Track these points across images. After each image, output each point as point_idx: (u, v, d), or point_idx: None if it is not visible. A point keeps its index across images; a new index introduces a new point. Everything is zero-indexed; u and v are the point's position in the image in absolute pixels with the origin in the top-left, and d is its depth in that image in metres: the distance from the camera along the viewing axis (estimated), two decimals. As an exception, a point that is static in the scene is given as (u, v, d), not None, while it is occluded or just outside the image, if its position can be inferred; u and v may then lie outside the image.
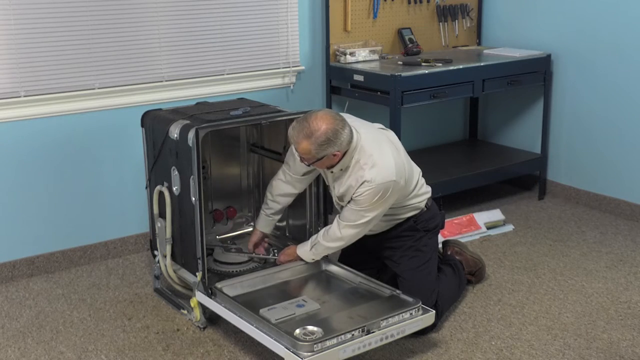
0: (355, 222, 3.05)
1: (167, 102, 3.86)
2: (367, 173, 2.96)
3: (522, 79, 4.53)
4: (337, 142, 2.92)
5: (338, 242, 3.14)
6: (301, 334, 2.73)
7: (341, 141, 2.93)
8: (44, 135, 3.66)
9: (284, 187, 3.35)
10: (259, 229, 3.47)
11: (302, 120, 2.94)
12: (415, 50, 4.56)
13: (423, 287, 3.12)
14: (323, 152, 2.92)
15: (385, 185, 2.96)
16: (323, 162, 2.99)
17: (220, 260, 3.42)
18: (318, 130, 2.88)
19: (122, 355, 3.01)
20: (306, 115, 2.95)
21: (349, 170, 3.03)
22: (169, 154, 3.19)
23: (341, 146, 2.94)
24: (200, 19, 3.97)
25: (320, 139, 2.89)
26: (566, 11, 4.55)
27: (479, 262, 3.58)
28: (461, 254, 3.54)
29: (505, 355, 2.98)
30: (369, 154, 3.00)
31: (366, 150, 3.01)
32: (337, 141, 2.91)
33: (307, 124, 2.90)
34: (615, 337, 3.11)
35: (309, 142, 2.90)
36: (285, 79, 4.34)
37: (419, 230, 3.23)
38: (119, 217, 3.95)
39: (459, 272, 3.42)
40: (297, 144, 2.95)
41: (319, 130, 2.88)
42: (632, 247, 4.03)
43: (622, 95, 4.36)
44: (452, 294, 3.33)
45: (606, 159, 4.50)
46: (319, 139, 2.88)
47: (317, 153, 2.92)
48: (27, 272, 3.74)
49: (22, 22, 3.49)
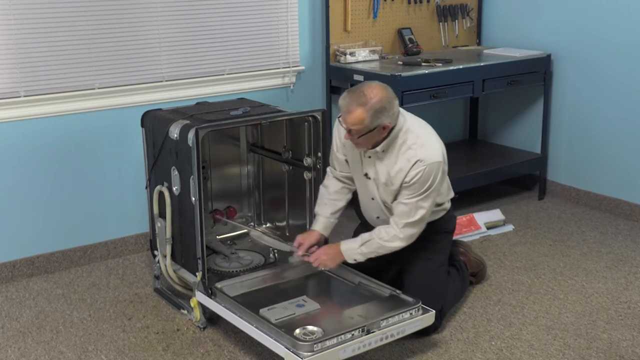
0: (413, 218, 2.96)
1: (167, 102, 3.86)
2: (418, 152, 2.92)
3: (522, 79, 4.53)
4: (390, 112, 2.88)
5: (395, 242, 3.00)
6: (301, 334, 2.73)
7: (394, 112, 2.90)
8: (44, 135, 3.66)
9: (338, 185, 3.26)
10: (320, 230, 3.24)
11: (354, 89, 2.90)
12: (415, 50, 4.56)
13: (432, 291, 3.09)
14: (377, 121, 2.86)
15: (436, 166, 2.92)
16: (372, 136, 2.91)
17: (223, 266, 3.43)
18: (373, 97, 2.84)
19: (122, 355, 3.01)
20: (358, 85, 2.92)
21: (394, 151, 2.97)
22: (169, 154, 3.19)
23: (392, 117, 2.90)
24: (200, 19, 3.97)
25: (376, 106, 2.84)
26: (566, 11, 4.55)
27: (481, 264, 3.58)
28: (466, 255, 3.53)
29: (505, 355, 2.98)
30: (416, 135, 2.98)
31: (413, 132, 2.98)
32: (390, 111, 2.88)
33: (361, 92, 2.86)
34: (615, 337, 3.11)
35: (363, 110, 2.83)
36: (285, 79, 4.34)
37: (440, 232, 3.21)
38: (119, 217, 3.95)
39: (463, 273, 3.41)
40: (349, 112, 2.86)
41: (374, 98, 2.84)
42: (632, 247, 4.03)
43: (622, 95, 4.36)
44: (455, 297, 3.33)
45: (606, 159, 4.50)
46: (374, 106, 2.84)
47: (371, 122, 2.85)
48: (27, 272, 3.74)
49: (22, 22, 3.49)
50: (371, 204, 3.18)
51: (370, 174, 3.08)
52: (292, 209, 3.61)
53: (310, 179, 3.40)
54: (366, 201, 3.20)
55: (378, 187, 3.08)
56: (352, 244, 3.08)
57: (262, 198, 3.82)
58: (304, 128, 3.34)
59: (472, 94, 4.36)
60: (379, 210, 3.16)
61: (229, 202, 3.77)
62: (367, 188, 3.14)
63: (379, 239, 3.01)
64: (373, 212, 3.21)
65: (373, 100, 2.84)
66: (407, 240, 3.01)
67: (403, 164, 2.94)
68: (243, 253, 3.57)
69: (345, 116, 2.89)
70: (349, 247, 3.08)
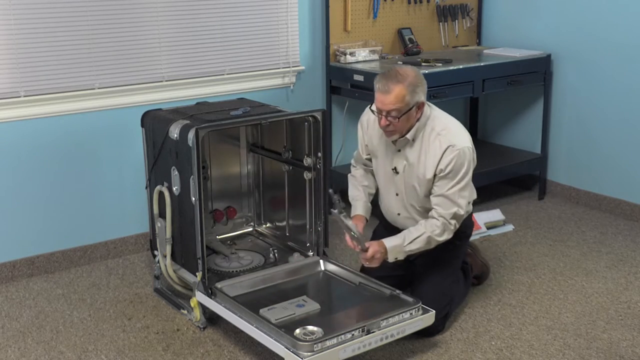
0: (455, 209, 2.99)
1: (167, 102, 3.86)
2: (448, 138, 3.01)
3: (522, 79, 4.53)
4: (424, 89, 2.98)
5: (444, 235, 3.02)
6: (301, 334, 2.73)
7: (425, 89, 2.99)
8: (44, 135, 3.66)
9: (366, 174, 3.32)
10: (363, 214, 3.25)
11: (386, 72, 2.98)
12: (415, 50, 4.56)
13: (444, 296, 3.12)
14: (415, 97, 2.94)
15: (468, 151, 3.00)
16: (409, 116, 2.97)
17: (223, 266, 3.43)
18: (408, 75, 2.95)
19: (122, 355, 3.01)
20: (388, 69, 3.00)
21: (424, 139, 3.05)
22: (169, 154, 3.19)
23: (425, 95, 3.00)
24: (200, 19, 3.97)
25: (413, 82, 2.93)
26: (566, 11, 4.55)
27: (486, 267, 3.58)
28: (472, 256, 3.53)
29: (505, 355, 2.98)
30: (444, 122, 3.07)
31: (440, 119, 3.08)
32: (424, 87, 2.98)
33: (396, 72, 2.96)
34: (615, 337, 3.11)
35: (402, 87, 2.92)
36: (285, 79, 4.34)
37: (461, 238, 3.22)
38: (119, 217, 3.95)
39: (468, 276, 3.42)
40: (388, 92, 2.92)
41: (410, 75, 2.95)
42: (632, 247, 4.03)
43: (622, 95, 4.36)
44: (459, 299, 3.33)
45: (606, 159, 4.50)
46: (412, 82, 2.93)
47: (411, 98, 2.93)
48: (27, 272, 3.74)
49: (22, 22, 3.49)
50: (394, 200, 3.21)
51: (399, 168, 3.12)
52: (292, 209, 3.61)
53: (310, 179, 3.40)
54: (390, 198, 3.23)
55: (405, 182, 3.13)
56: (396, 241, 3.04)
57: (262, 198, 3.82)
58: (304, 128, 3.34)
59: (472, 94, 4.36)
60: (402, 206, 3.19)
61: (229, 202, 3.77)
62: (392, 183, 3.19)
63: (430, 232, 3.00)
64: (395, 209, 3.23)
65: (409, 77, 2.94)
66: (453, 232, 3.05)
67: (435, 150, 3.01)
68: (243, 253, 3.57)
69: (384, 97, 2.93)
70: (394, 245, 3.03)
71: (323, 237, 3.38)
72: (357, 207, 3.28)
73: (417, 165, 3.06)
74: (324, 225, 3.38)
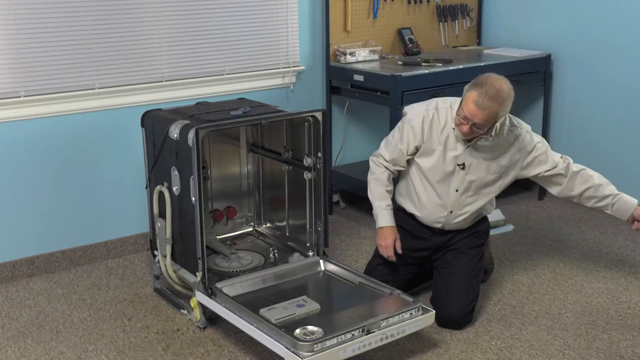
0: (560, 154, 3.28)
1: (167, 102, 3.86)
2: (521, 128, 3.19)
3: (522, 79, 4.52)
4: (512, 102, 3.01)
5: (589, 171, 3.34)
6: (301, 334, 2.73)
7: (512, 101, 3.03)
8: (44, 135, 3.66)
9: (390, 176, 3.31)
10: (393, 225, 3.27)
11: (486, 86, 2.94)
12: (415, 50, 4.55)
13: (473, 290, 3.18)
14: (504, 112, 3.00)
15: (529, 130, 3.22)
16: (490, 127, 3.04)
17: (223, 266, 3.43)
18: (505, 93, 2.94)
19: (122, 355, 3.01)
20: (480, 81, 2.98)
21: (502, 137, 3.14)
22: (169, 154, 3.19)
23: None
24: (200, 19, 3.97)
25: (507, 100, 2.96)
26: (566, 11, 4.55)
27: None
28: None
29: (505, 355, 2.98)
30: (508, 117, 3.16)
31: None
32: (512, 101, 3.01)
33: (496, 91, 2.93)
34: (615, 337, 3.11)
35: (498, 105, 2.93)
36: (285, 79, 4.34)
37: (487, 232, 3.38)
38: (119, 217, 3.95)
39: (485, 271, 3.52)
40: (484, 109, 2.93)
41: (505, 93, 2.94)
42: (632, 247, 4.03)
43: (622, 95, 4.36)
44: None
45: (606, 159, 4.50)
46: (506, 99, 2.95)
47: (500, 115, 2.98)
48: (27, 272, 3.74)
49: (22, 22, 3.49)
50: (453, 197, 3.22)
51: (467, 163, 3.17)
52: (292, 209, 3.61)
53: (310, 179, 3.40)
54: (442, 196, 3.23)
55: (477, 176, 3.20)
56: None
57: (262, 198, 3.82)
58: (304, 128, 3.34)
59: (472, 94, 4.36)
60: (454, 203, 3.23)
61: (229, 202, 3.77)
62: (451, 180, 3.20)
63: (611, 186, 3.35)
64: (443, 210, 3.25)
65: (505, 96, 2.94)
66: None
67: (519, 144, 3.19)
68: (243, 253, 3.57)
69: (478, 111, 2.94)
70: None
71: (323, 237, 3.38)
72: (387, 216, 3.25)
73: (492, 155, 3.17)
74: (324, 225, 3.37)
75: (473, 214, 3.28)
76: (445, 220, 3.26)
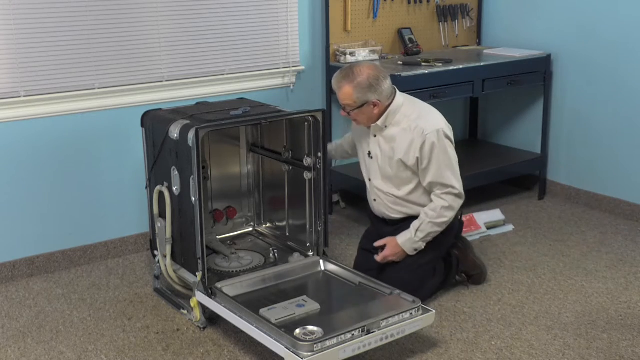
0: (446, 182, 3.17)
1: (167, 102, 3.86)
2: (421, 124, 3.14)
3: (522, 79, 4.53)
4: (378, 90, 3.11)
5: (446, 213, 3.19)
6: (301, 334, 2.73)
7: (382, 90, 3.12)
8: (44, 135, 3.66)
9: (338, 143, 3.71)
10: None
11: (345, 68, 3.16)
12: (415, 50, 4.56)
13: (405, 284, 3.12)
14: (364, 97, 3.10)
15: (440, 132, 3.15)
16: (362, 111, 3.15)
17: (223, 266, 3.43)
18: (361, 75, 3.09)
19: (122, 355, 3.01)
20: (349, 66, 3.17)
21: (398, 126, 3.19)
22: (169, 154, 3.19)
23: (381, 95, 3.12)
24: (200, 19, 3.97)
25: (363, 84, 3.08)
26: (566, 11, 4.55)
27: (480, 268, 3.56)
28: (463, 251, 3.52)
29: (505, 355, 2.98)
30: (417, 109, 3.21)
31: (415, 105, 3.23)
32: (378, 88, 3.11)
33: (351, 70, 3.12)
34: (615, 337, 3.11)
35: (351, 86, 3.10)
36: (285, 79, 4.34)
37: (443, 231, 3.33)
38: (119, 217, 3.95)
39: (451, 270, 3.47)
40: (338, 88, 3.14)
41: (362, 75, 3.09)
42: (632, 247, 4.03)
43: (622, 95, 4.36)
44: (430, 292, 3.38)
45: (606, 159, 4.50)
46: (361, 83, 3.08)
47: (358, 98, 3.10)
48: (27, 272, 3.74)
49: (22, 22, 3.49)
50: (369, 186, 3.40)
51: (373, 152, 3.29)
52: (292, 209, 3.61)
53: (310, 179, 3.40)
54: (367, 184, 3.43)
55: (380, 167, 3.29)
56: (407, 235, 3.25)
57: (262, 198, 3.82)
58: (304, 128, 3.34)
59: (472, 94, 4.36)
60: (372, 191, 3.39)
61: (229, 202, 3.77)
62: (367, 169, 3.38)
63: (428, 218, 3.20)
64: (371, 195, 3.42)
65: (360, 78, 3.10)
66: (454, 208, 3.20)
67: (413, 135, 3.15)
68: (243, 253, 3.57)
69: (336, 93, 3.20)
70: (406, 240, 3.24)
71: (323, 237, 3.38)
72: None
73: (393, 151, 3.21)
74: (324, 225, 3.37)
75: (396, 205, 3.31)
76: (376, 209, 3.41)
